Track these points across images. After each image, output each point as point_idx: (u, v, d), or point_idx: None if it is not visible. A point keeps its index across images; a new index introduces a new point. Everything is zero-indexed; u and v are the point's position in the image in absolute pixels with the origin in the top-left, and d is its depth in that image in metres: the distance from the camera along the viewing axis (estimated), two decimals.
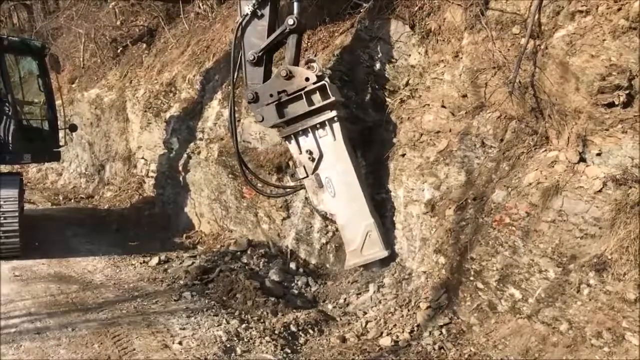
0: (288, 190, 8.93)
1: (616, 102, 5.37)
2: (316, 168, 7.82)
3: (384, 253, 7.53)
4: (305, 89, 7.57)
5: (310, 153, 7.79)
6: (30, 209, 12.61)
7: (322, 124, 7.63)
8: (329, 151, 7.72)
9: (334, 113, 7.53)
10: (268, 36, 7.89)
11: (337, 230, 8.46)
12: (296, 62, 7.83)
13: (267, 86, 7.86)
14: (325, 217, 8.28)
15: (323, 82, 7.50)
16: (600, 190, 5.44)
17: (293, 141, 7.89)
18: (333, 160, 7.72)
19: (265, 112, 7.90)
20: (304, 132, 7.76)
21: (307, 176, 7.89)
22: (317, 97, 7.60)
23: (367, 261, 7.66)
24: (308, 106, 7.60)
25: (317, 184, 7.83)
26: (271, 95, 7.78)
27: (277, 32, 7.82)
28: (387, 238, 7.63)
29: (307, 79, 7.54)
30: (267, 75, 8.02)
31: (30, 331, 6.34)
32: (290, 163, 8.91)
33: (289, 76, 7.59)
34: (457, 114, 7.05)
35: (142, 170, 13.40)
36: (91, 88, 16.30)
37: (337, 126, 7.60)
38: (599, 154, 5.59)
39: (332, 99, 7.46)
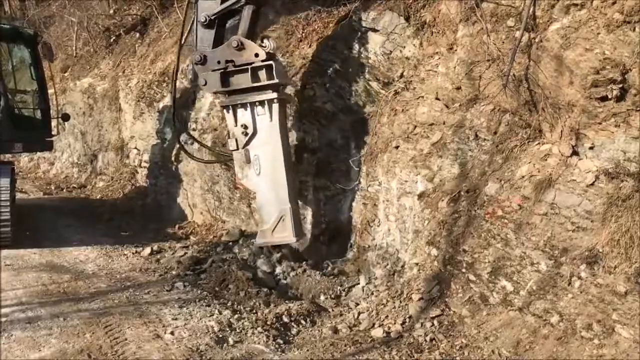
0: (214, 158, 9.24)
1: (609, 96, 5.38)
2: (247, 143, 7.94)
3: (292, 239, 7.84)
4: (253, 64, 7.59)
5: (245, 127, 7.88)
6: (22, 199, 12.53)
7: (262, 103, 7.72)
8: (263, 130, 7.83)
9: (274, 95, 7.63)
10: (223, 1, 7.87)
11: (329, 222, 8.49)
12: (249, 35, 7.80)
13: (217, 52, 7.86)
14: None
15: (271, 62, 7.53)
16: (592, 184, 5.47)
17: (231, 112, 7.97)
18: (265, 140, 7.85)
19: (209, 77, 7.92)
20: (243, 106, 7.84)
21: (237, 149, 8.01)
22: (263, 75, 7.65)
23: (276, 243, 7.99)
24: (252, 82, 7.67)
25: (245, 159, 7.97)
26: (218, 62, 7.80)
27: None
28: (300, 226, 7.95)
29: (256, 55, 7.56)
30: (217, 41, 8.00)
31: (21, 320, 6.32)
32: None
33: (240, 48, 7.59)
34: (451, 106, 7.05)
35: (135, 160, 13.34)
36: (84, 77, 16.19)
37: (276, 108, 7.69)
38: (591, 148, 5.61)
39: (275, 81, 7.54)
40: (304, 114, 8.88)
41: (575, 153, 5.73)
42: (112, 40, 15.64)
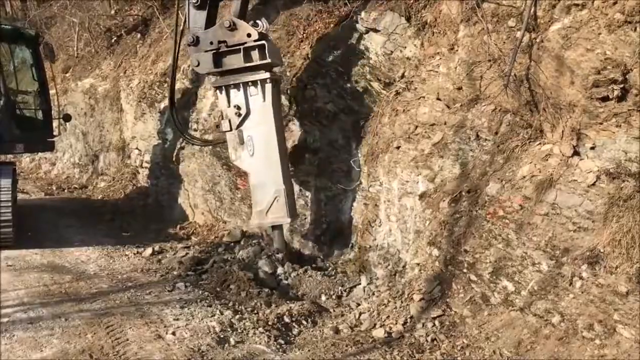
0: (212, 142, 9.41)
1: (610, 96, 5.38)
2: (241, 124, 7.96)
3: (287, 220, 7.92)
4: (245, 45, 7.60)
5: (238, 108, 7.88)
6: (24, 199, 12.54)
7: (255, 83, 7.72)
8: (257, 111, 7.84)
9: (267, 75, 7.63)
10: None
11: (330, 222, 8.49)
12: (241, 16, 7.84)
13: (209, 33, 7.87)
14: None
15: (263, 42, 7.52)
16: (593, 184, 5.47)
17: (224, 93, 7.98)
18: (258, 121, 7.86)
19: (202, 58, 7.93)
20: (236, 86, 7.86)
21: (231, 130, 7.99)
22: (255, 55, 7.65)
23: (270, 224, 8.04)
24: (244, 62, 7.67)
25: (239, 140, 7.95)
26: (211, 43, 7.81)
27: None
28: (294, 208, 7.99)
29: (248, 35, 7.57)
30: (210, 21, 8.02)
31: (23, 321, 6.33)
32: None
33: (232, 28, 7.60)
34: (452, 106, 7.05)
35: (136, 160, 13.35)
36: (85, 78, 16.20)
37: (268, 88, 7.70)
38: (592, 148, 5.61)
39: (267, 60, 7.53)
40: (305, 114, 8.89)
41: (576, 153, 5.73)
42: (113, 40, 15.64)
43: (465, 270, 6.31)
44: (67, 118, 11.72)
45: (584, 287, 5.27)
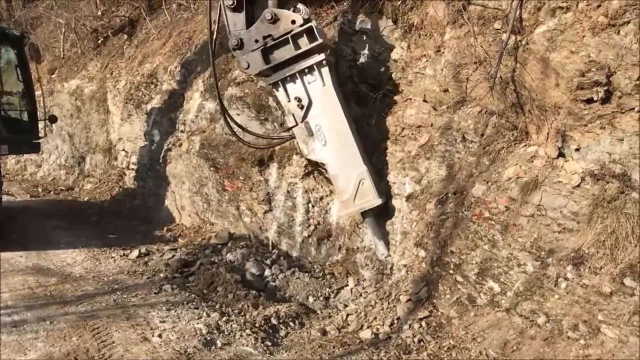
0: (277, 140, 8.69)
1: (595, 98, 5.43)
2: (305, 116, 7.55)
3: (378, 201, 7.31)
4: (292, 32, 7.26)
5: (299, 100, 7.51)
6: (9, 201, 12.42)
7: (311, 69, 7.35)
8: (318, 97, 7.46)
9: (322, 56, 7.25)
10: None
11: (318, 223, 8.48)
12: (280, 5, 7.52)
13: (252, 31, 7.51)
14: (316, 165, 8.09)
15: (310, 24, 7.19)
16: (578, 185, 5.51)
17: (281, 88, 7.60)
18: (323, 107, 7.47)
19: (250, 59, 7.57)
20: (292, 77, 7.48)
21: (297, 124, 7.63)
22: (304, 41, 7.29)
23: (360, 210, 7.46)
24: (295, 50, 7.32)
25: (307, 132, 7.58)
26: (256, 41, 7.46)
27: None
28: (379, 187, 7.45)
29: (293, 22, 7.23)
30: (249, 20, 7.67)
31: (7, 324, 6.27)
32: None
33: (274, 20, 7.28)
34: (439, 108, 7.09)
35: (123, 162, 13.28)
36: (71, 79, 16.09)
37: (325, 70, 7.34)
38: (577, 149, 5.67)
39: (320, 41, 7.18)
40: None
41: (561, 155, 5.78)
42: (99, 41, 15.57)
43: (451, 272, 6.34)
44: (53, 119, 11.63)
45: (569, 287, 5.31)
